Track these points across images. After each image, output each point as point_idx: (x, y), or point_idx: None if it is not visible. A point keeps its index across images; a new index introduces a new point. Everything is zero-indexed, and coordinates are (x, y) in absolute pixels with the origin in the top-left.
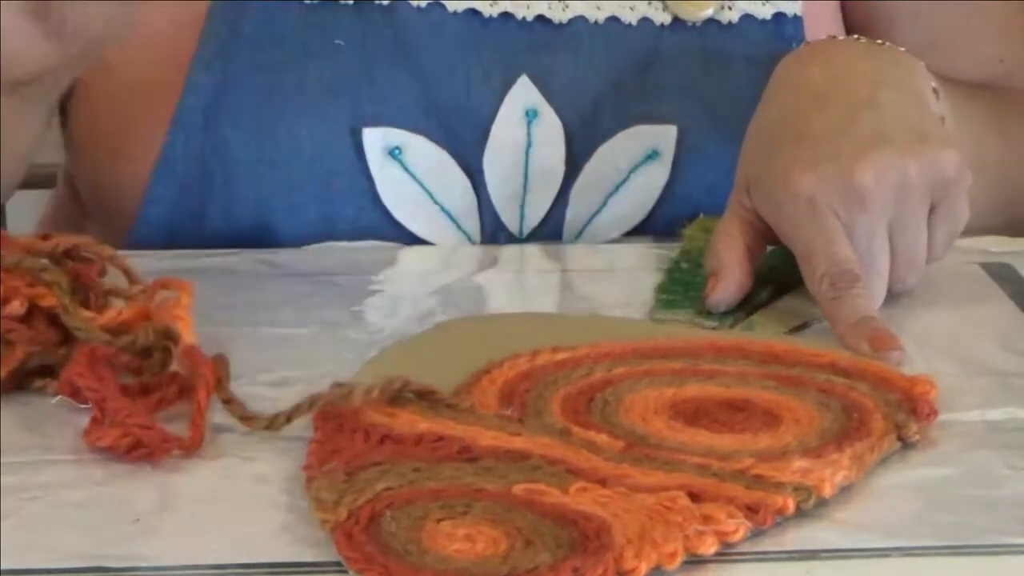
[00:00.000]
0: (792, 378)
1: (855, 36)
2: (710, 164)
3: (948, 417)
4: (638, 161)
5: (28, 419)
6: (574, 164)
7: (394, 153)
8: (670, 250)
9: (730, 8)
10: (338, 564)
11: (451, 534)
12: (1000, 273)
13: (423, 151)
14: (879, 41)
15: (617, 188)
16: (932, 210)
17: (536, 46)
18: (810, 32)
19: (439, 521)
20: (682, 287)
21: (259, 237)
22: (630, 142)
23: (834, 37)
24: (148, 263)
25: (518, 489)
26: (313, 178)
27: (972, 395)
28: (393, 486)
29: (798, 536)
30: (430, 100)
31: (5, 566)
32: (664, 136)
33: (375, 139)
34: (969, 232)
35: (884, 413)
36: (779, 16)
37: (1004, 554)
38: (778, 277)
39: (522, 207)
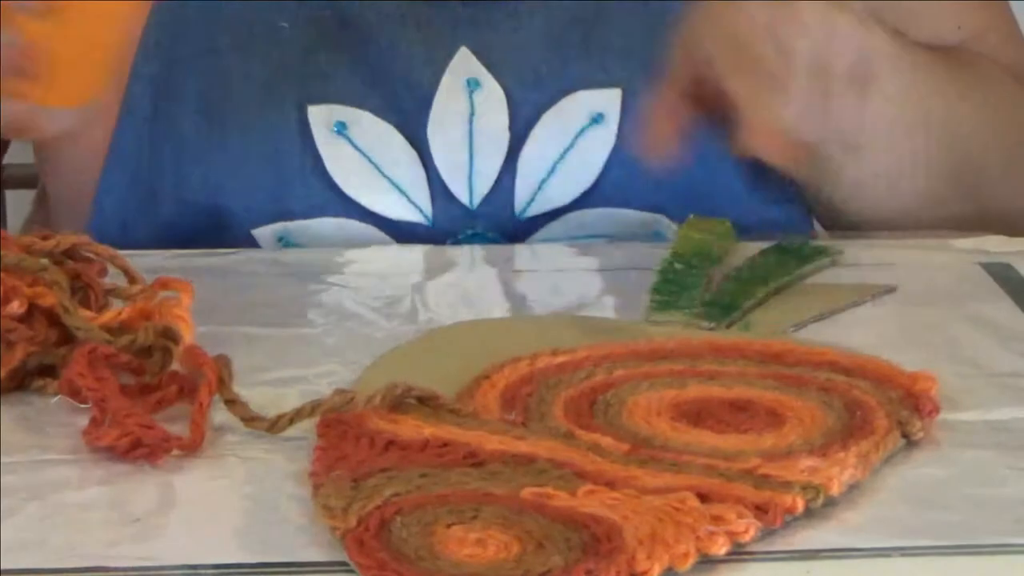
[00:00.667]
0: (793, 377)
1: None
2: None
3: (948, 417)
4: (583, 125)
5: (28, 419)
6: (519, 132)
7: (339, 128)
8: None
9: None
10: (339, 564)
11: (462, 539)
12: (1000, 273)
13: (368, 125)
14: None
15: (564, 153)
16: None
17: (476, 20)
18: None
19: (449, 526)
20: (676, 288)
21: (212, 219)
22: (575, 107)
23: None
24: (148, 263)
25: (527, 493)
26: (262, 158)
27: (972, 395)
28: (401, 492)
29: (798, 536)
30: (373, 76)
31: (5, 566)
32: (609, 99)
33: (320, 115)
34: (930, 210)
35: (887, 411)
36: None
37: (1004, 554)
38: (773, 276)
39: (470, 177)
